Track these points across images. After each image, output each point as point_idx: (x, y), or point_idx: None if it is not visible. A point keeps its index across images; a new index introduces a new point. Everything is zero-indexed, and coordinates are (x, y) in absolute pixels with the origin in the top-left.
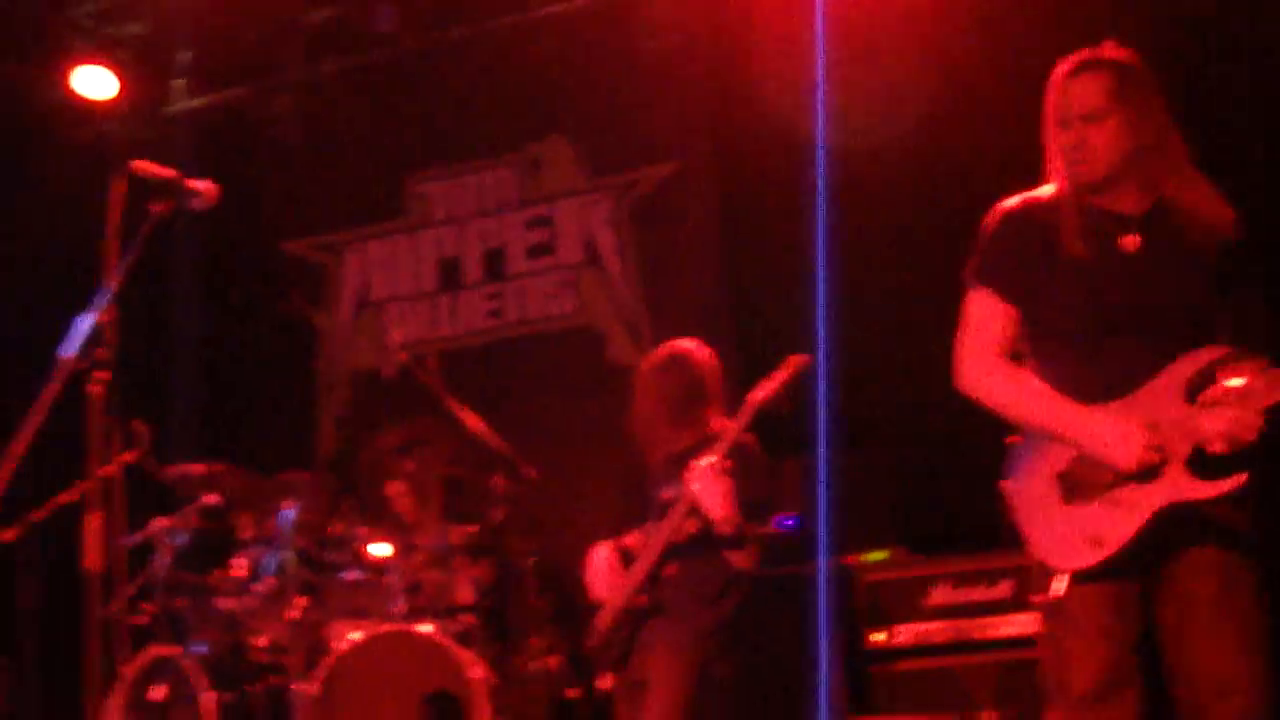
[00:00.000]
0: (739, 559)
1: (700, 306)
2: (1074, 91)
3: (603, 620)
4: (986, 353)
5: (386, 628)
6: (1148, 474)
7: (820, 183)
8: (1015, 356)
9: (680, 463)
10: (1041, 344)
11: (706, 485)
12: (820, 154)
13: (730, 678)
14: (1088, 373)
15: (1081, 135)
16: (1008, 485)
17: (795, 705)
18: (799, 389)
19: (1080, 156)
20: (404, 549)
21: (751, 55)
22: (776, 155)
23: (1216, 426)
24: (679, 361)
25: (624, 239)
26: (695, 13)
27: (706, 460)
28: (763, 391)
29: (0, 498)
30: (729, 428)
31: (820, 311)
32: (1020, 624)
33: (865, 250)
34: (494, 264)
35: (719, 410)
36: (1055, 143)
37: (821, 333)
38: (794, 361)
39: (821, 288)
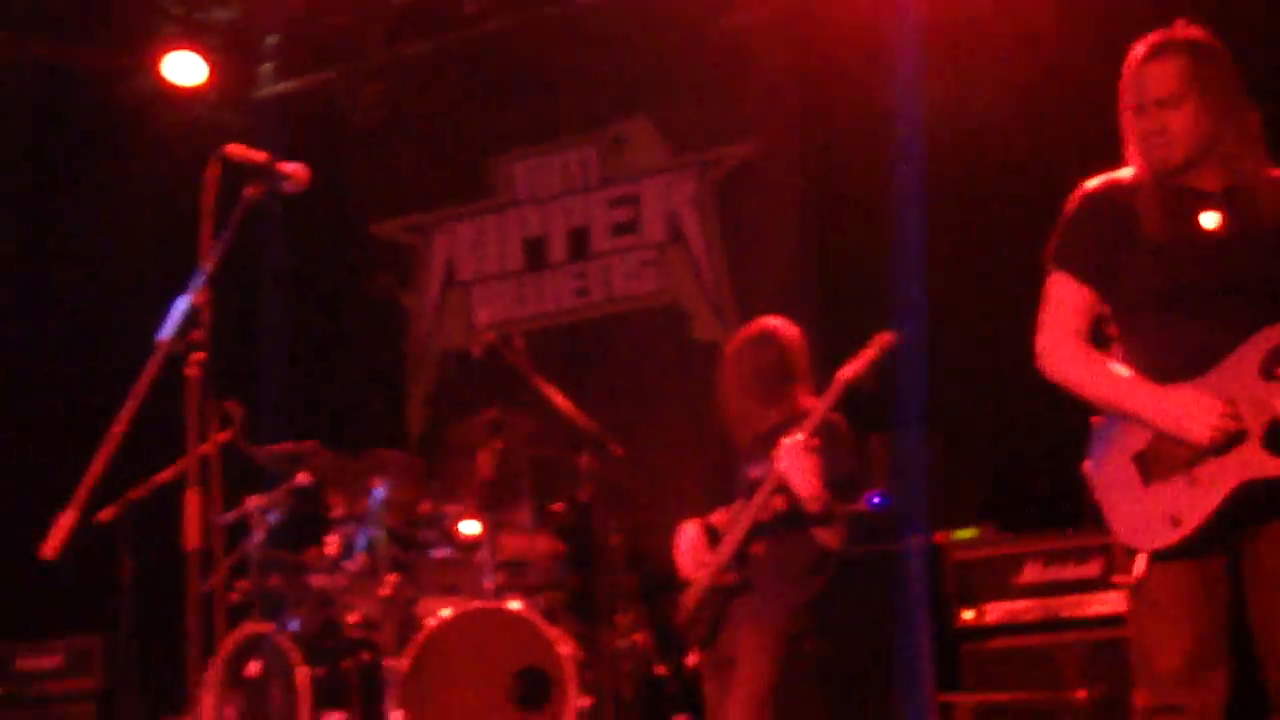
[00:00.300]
0: (827, 537)
1: (785, 283)
2: (1149, 76)
3: (690, 598)
4: (1064, 335)
5: (476, 604)
6: (1224, 450)
7: (906, 159)
8: (1104, 340)
9: (768, 441)
10: (1123, 323)
11: (794, 463)
12: (906, 129)
13: (818, 656)
14: (1167, 350)
15: (1159, 121)
16: (1088, 466)
17: (884, 683)
18: (887, 366)
19: (1159, 141)
20: (493, 526)
21: (835, 28)
22: (861, 129)
23: None
24: (766, 339)
25: (707, 216)
26: None
27: (794, 438)
28: (851, 369)
29: (102, 478)
30: (817, 406)
31: (907, 288)
32: (1111, 602)
33: (952, 226)
34: (578, 243)
35: (807, 388)
36: (1132, 127)
37: (909, 309)
38: (882, 339)
39: (907, 264)
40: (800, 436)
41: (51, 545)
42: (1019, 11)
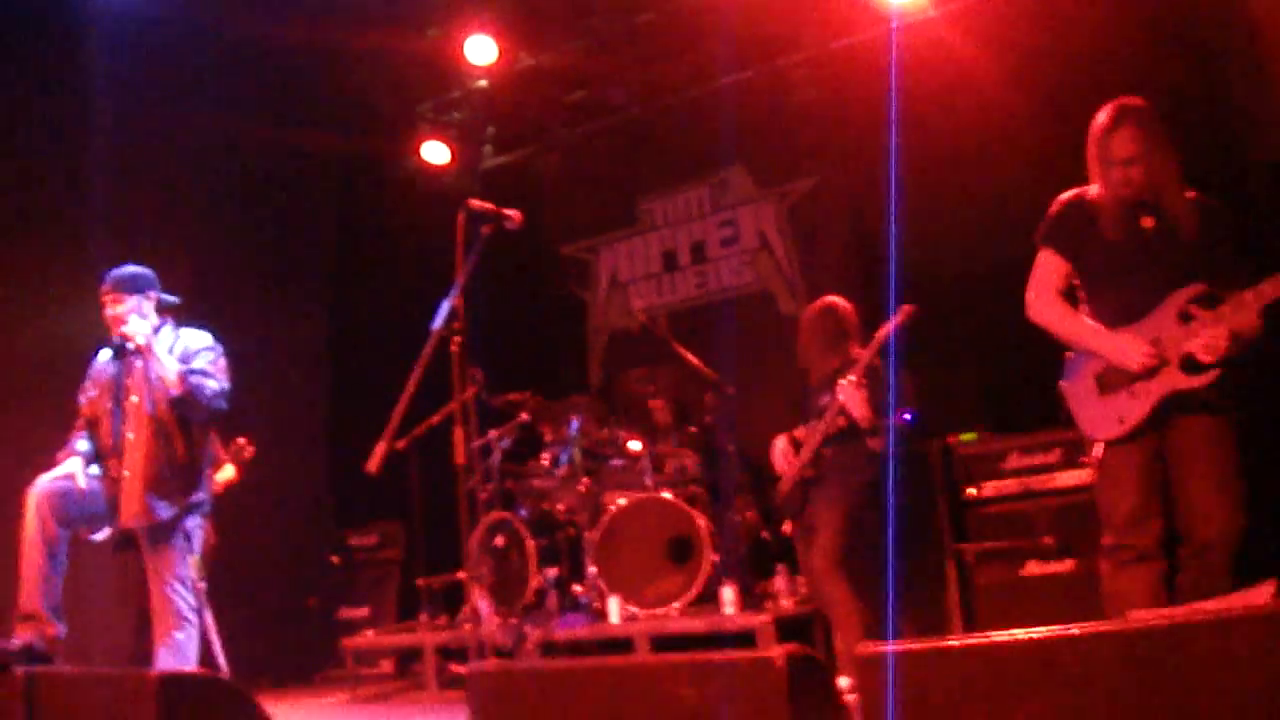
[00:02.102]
0: (874, 443)
1: (839, 272)
2: (1114, 143)
3: (783, 487)
4: (1046, 292)
5: (642, 495)
6: (1152, 373)
7: (901, 184)
8: (1075, 300)
9: (831, 379)
10: (1088, 288)
11: (850, 394)
12: (916, 164)
13: (873, 522)
14: (1117, 306)
15: (1125, 174)
16: (1063, 385)
17: (916, 540)
18: (909, 328)
19: (1125, 187)
20: (651, 444)
21: (870, 100)
22: (887, 167)
23: (1199, 341)
24: (828, 311)
25: (785, 230)
26: (828, 78)
27: (849, 378)
28: (885, 330)
29: (401, 422)
30: (863, 355)
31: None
32: (1067, 479)
33: (962, 221)
34: (698, 252)
35: (856, 342)
36: (1102, 171)
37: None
38: (905, 309)
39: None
40: (853, 377)
41: (373, 464)
42: (997, 93)
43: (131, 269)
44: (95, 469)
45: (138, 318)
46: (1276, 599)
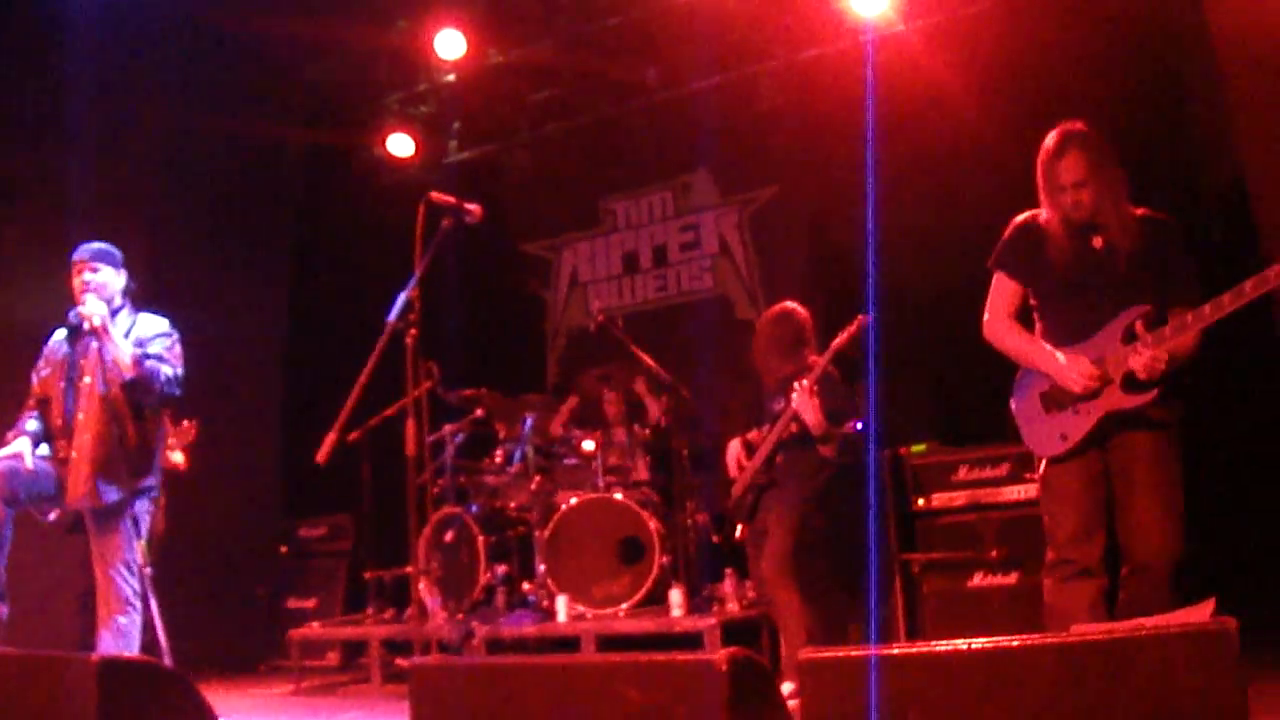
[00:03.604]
0: (826, 450)
1: (797, 280)
2: (1062, 168)
3: (735, 490)
4: (999, 314)
5: (594, 495)
6: (1095, 393)
7: (870, 196)
8: (1030, 318)
9: (785, 385)
10: (1040, 307)
11: (803, 401)
12: (877, 176)
13: (822, 528)
14: (1068, 325)
15: (1074, 198)
16: (1012, 403)
17: (864, 547)
18: (863, 337)
19: (1074, 210)
20: (605, 444)
21: (832, 110)
22: (847, 178)
23: (1139, 361)
24: (786, 317)
25: (745, 236)
26: (796, 88)
27: (803, 384)
28: (839, 338)
29: (351, 413)
30: (818, 362)
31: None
32: (1014, 493)
33: (914, 239)
34: (659, 255)
35: (812, 349)
36: (1051, 195)
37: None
38: (860, 319)
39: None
40: (807, 383)
41: (321, 455)
42: (961, 108)
43: (105, 244)
44: (45, 449)
45: (95, 299)
46: (1216, 617)
